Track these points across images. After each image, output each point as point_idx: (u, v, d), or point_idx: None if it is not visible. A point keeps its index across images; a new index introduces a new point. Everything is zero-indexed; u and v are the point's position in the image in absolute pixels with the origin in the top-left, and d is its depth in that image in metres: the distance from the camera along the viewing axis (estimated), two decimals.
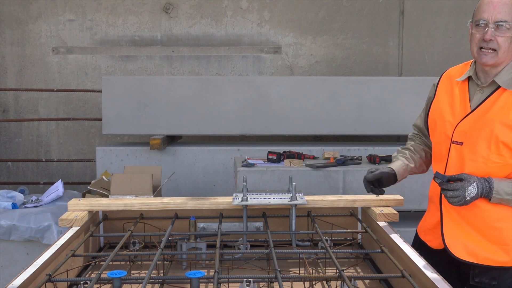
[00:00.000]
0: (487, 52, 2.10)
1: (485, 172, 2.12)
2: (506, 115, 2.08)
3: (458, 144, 2.17)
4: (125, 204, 2.59)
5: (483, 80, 2.19)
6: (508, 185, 2.08)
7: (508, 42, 2.08)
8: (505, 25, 2.05)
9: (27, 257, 3.98)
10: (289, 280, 1.94)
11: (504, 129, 2.07)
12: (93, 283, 1.78)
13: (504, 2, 2.06)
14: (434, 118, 2.33)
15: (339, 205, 2.64)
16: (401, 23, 5.89)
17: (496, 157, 2.10)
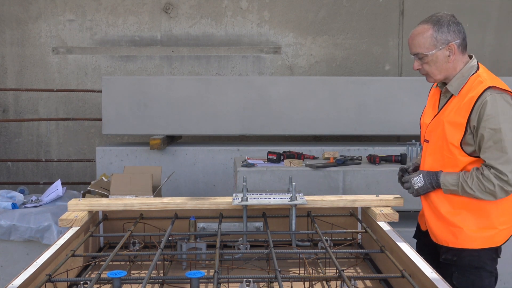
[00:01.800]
0: (424, 75, 2.55)
1: (442, 166, 2.45)
2: (451, 115, 2.42)
3: (427, 142, 2.55)
4: (125, 204, 2.59)
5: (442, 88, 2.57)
6: (453, 177, 2.40)
7: (433, 65, 2.46)
8: (420, 55, 2.46)
9: (27, 257, 3.98)
10: (289, 280, 1.94)
11: (450, 128, 2.41)
12: (93, 283, 1.78)
13: (413, 37, 2.48)
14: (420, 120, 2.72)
15: (339, 205, 2.64)
16: (401, 23, 5.88)
17: (447, 153, 2.43)
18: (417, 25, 2.54)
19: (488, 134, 2.31)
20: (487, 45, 5.94)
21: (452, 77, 2.48)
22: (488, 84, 2.40)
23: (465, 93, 2.43)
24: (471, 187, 2.35)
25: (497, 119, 2.31)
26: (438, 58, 2.45)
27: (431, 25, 2.50)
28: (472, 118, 2.35)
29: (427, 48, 2.45)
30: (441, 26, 2.51)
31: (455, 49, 2.47)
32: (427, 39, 2.45)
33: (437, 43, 2.45)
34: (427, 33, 2.46)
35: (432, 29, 2.48)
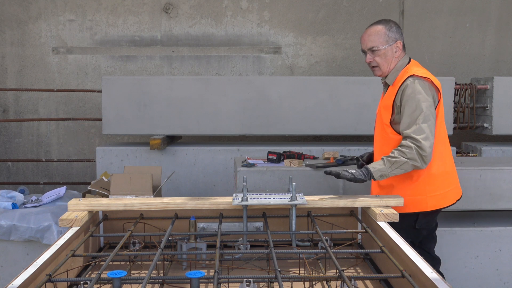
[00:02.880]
0: (374, 69, 3.02)
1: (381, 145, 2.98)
2: (385, 101, 2.97)
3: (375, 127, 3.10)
4: (125, 204, 2.59)
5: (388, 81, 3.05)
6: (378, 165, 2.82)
7: (384, 59, 2.96)
8: (374, 49, 2.94)
9: (27, 257, 3.98)
10: (289, 280, 1.94)
11: (383, 111, 2.95)
12: (93, 283, 1.78)
13: (369, 34, 2.97)
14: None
15: (339, 205, 2.64)
16: (401, 23, 5.88)
17: (383, 133, 2.96)
18: (369, 26, 3.01)
19: (408, 110, 2.82)
20: (487, 45, 5.94)
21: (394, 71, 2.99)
22: (411, 72, 2.89)
23: (396, 82, 2.95)
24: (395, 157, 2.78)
25: (413, 99, 2.82)
26: (387, 53, 2.95)
27: (383, 25, 2.98)
28: (396, 99, 2.89)
29: (381, 43, 2.94)
30: (391, 27, 2.98)
31: (400, 47, 2.99)
32: (381, 35, 2.94)
33: (388, 39, 2.95)
34: (382, 31, 2.95)
35: (385, 28, 2.96)
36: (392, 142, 2.92)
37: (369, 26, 3.02)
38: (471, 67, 5.93)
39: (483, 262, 3.92)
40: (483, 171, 3.84)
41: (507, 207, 3.87)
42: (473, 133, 5.63)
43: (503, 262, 3.92)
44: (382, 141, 3.00)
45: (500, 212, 4.10)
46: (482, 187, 3.83)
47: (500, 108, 5.06)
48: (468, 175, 3.83)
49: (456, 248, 3.92)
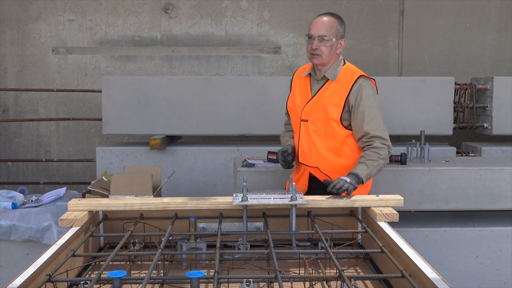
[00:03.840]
0: (315, 56, 2.99)
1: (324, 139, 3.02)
2: (332, 98, 3.00)
3: (305, 121, 3.07)
4: (125, 204, 2.59)
5: (318, 75, 3.09)
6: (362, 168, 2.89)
7: (328, 50, 2.98)
8: (325, 38, 2.97)
9: (27, 257, 3.98)
10: (289, 280, 1.94)
11: (332, 107, 2.99)
12: (93, 283, 1.78)
13: (324, 22, 3.01)
14: (290, 105, 3.21)
15: (339, 205, 2.64)
16: (401, 23, 5.89)
17: (329, 128, 3.01)
18: (321, 15, 3.06)
19: (367, 110, 2.96)
20: (487, 45, 5.94)
21: (329, 66, 3.04)
22: (359, 73, 3.05)
23: (341, 79, 3.02)
24: (374, 159, 2.92)
25: (371, 99, 2.98)
26: (333, 46, 3.00)
27: (336, 18, 3.05)
28: (350, 98, 2.98)
29: (332, 34, 2.99)
30: (341, 23, 3.06)
31: (344, 44, 3.06)
32: (333, 27, 3.00)
33: (338, 34, 3.02)
34: (335, 23, 3.02)
35: (337, 22, 3.03)
36: (339, 137, 3.02)
37: (323, 14, 3.06)
38: (471, 67, 5.93)
39: (483, 262, 3.92)
40: (483, 171, 3.84)
41: (507, 207, 3.87)
42: (473, 133, 5.63)
43: (503, 262, 3.92)
44: (326, 135, 3.02)
45: (500, 212, 4.10)
46: (482, 187, 3.83)
47: (500, 108, 5.06)
48: (468, 175, 3.83)
49: (456, 248, 3.92)
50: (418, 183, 3.82)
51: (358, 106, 2.97)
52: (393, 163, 3.95)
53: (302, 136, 3.10)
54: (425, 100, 4.97)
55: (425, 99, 4.98)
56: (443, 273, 2.06)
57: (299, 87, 3.17)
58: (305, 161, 3.11)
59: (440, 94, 4.98)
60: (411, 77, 5.26)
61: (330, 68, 3.05)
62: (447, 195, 3.83)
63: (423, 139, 4.14)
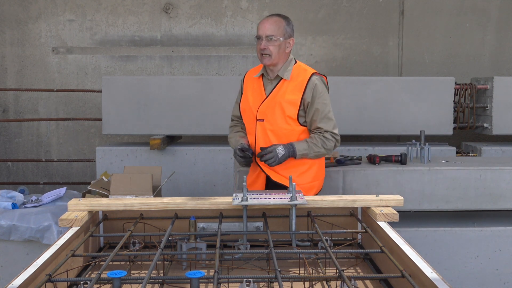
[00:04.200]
0: (265, 56, 3.05)
1: (282, 137, 3.08)
2: (288, 96, 3.06)
3: (261, 121, 3.11)
4: (125, 204, 2.59)
5: (271, 75, 3.14)
6: (302, 145, 3.07)
7: (277, 49, 3.03)
8: (273, 38, 3.02)
9: (27, 257, 3.98)
10: (289, 280, 1.94)
11: (288, 105, 3.06)
12: (93, 283, 1.78)
13: (270, 22, 3.05)
14: (243, 106, 3.23)
15: (339, 205, 2.64)
16: (401, 23, 5.89)
17: (286, 125, 3.08)
18: (269, 16, 3.12)
19: (322, 107, 3.07)
20: (487, 45, 5.94)
21: (280, 65, 3.10)
22: (311, 71, 3.13)
23: (295, 77, 3.09)
24: (318, 146, 3.07)
25: (324, 96, 3.11)
26: (281, 46, 3.04)
27: (283, 18, 3.10)
28: (306, 96, 3.05)
29: (280, 34, 3.03)
30: (289, 23, 3.10)
31: (292, 43, 3.12)
32: (281, 27, 3.05)
33: (285, 33, 3.06)
34: (282, 23, 3.06)
35: (284, 22, 3.08)
36: (295, 134, 3.11)
37: (270, 15, 3.11)
38: (471, 67, 5.93)
39: (483, 262, 3.92)
40: (483, 171, 3.84)
41: (507, 207, 3.87)
42: (473, 133, 5.63)
43: (503, 262, 3.92)
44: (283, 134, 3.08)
45: (500, 212, 4.10)
46: (482, 187, 3.83)
47: (500, 108, 5.07)
48: (468, 175, 3.83)
49: (456, 248, 3.92)
50: (418, 183, 3.82)
51: (313, 103, 3.07)
52: (393, 163, 3.96)
53: (258, 136, 3.13)
54: (425, 100, 4.97)
55: (425, 99, 4.98)
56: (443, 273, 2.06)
57: (251, 88, 3.20)
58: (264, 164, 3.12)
59: (440, 94, 4.98)
60: (411, 77, 5.26)
61: (282, 68, 3.10)
62: (447, 195, 3.83)
63: (423, 139, 4.14)
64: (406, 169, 3.83)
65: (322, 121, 3.11)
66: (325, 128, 3.12)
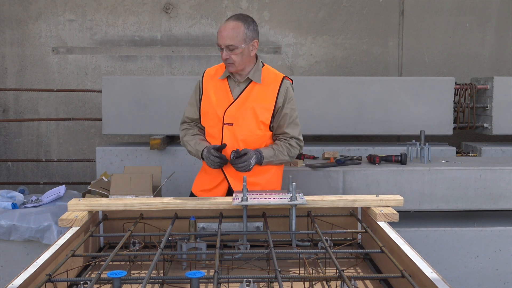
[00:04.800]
0: (229, 64, 2.92)
1: (252, 142, 2.98)
2: (261, 100, 2.96)
3: (229, 125, 2.97)
4: (125, 204, 2.59)
5: (238, 78, 3.00)
6: (269, 151, 2.99)
7: (240, 57, 2.89)
8: (232, 47, 2.86)
9: (27, 257, 3.98)
10: (289, 280, 1.94)
11: (262, 110, 2.96)
12: (93, 283, 1.79)
13: (228, 30, 2.87)
14: (205, 108, 3.06)
15: (339, 205, 2.64)
16: (401, 23, 5.88)
17: (258, 131, 2.99)
18: (227, 20, 2.93)
19: (290, 112, 3.01)
20: (487, 45, 5.94)
21: (248, 69, 2.98)
22: (281, 74, 3.04)
23: (266, 81, 2.99)
24: (284, 154, 3.02)
25: (293, 101, 3.04)
26: (245, 51, 2.89)
27: (242, 22, 2.89)
28: (278, 100, 2.98)
29: (239, 42, 2.86)
30: (249, 25, 2.91)
31: (257, 46, 2.95)
32: (240, 33, 2.86)
33: (246, 38, 2.88)
34: (240, 29, 2.87)
35: (243, 26, 2.88)
36: (265, 139, 3.04)
37: (229, 20, 2.92)
38: (471, 67, 5.93)
39: (483, 262, 3.92)
40: (483, 171, 3.84)
41: (507, 207, 3.87)
42: (473, 133, 5.63)
43: (503, 262, 3.92)
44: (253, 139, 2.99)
45: (500, 212, 4.10)
46: (482, 187, 3.83)
47: (500, 108, 5.07)
48: (468, 175, 3.83)
49: (456, 248, 3.92)
50: (418, 183, 3.82)
51: (283, 107, 3.00)
52: (393, 163, 3.96)
53: (226, 141, 2.99)
54: (425, 100, 4.98)
55: (425, 99, 4.98)
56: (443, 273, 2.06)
57: (214, 89, 3.05)
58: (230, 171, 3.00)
59: (440, 94, 4.98)
60: (411, 77, 5.26)
61: (252, 71, 2.99)
62: (447, 195, 3.83)
63: (423, 139, 4.14)
64: (406, 169, 3.83)
65: (289, 126, 3.04)
66: (292, 134, 3.05)
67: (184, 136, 3.15)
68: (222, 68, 3.08)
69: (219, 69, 3.10)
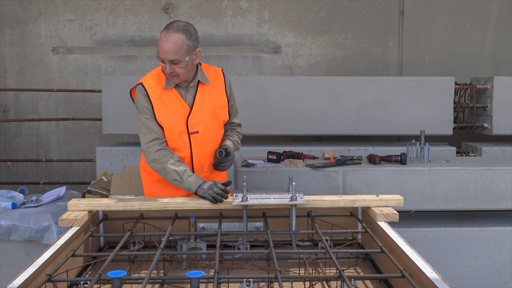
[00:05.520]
0: (173, 77, 2.81)
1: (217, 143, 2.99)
2: (216, 100, 2.95)
3: (195, 133, 2.89)
4: (125, 204, 2.59)
5: (186, 84, 2.89)
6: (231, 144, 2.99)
7: (184, 69, 2.78)
8: (176, 61, 2.75)
9: (27, 257, 3.98)
10: (289, 280, 1.94)
11: (220, 110, 2.96)
12: (93, 283, 1.78)
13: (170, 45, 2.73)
14: (165, 123, 2.89)
15: (339, 205, 2.64)
16: (401, 23, 5.89)
17: (221, 130, 3.01)
18: (167, 32, 2.76)
19: (234, 102, 3.10)
20: (487, 45, 5.94)
21: (192, 75, 2.89)
22: (219, 68, 3.05)
23: (212, 79, 2.96)
24: (238, 143, 3.10)
25: (233, 91, 3.09)
26: (189, 63, 2.78)
27: (183, 34, 2.76)
28: (227, 94, 3.01)
29: (183, 55, 2.75)
30: (191, 35, 2.78)
31: (199, 54, 2.85)
32: (183, 47, 2.74)
33: (189, 50, 2.76)
34: (183, 41, 2.74)
35: (186, 38, 2.75)
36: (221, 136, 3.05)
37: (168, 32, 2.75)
38: (471, 67, 5.93)
39: (483, 262, 3.92)
40: (483, 171, 3.84)
41: (507, 207, 3.87)
42: (473, 133, 5.63)
43: (503, 262, 3.92)
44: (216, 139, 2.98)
45: (500, 212, 4.10)
46: (482, 187, 3.83)
47: (500, 108, 5.07)
48: (468, 175, 3.83)
49: (456, 248, 3.92)
50: (418, 183, 3.82)
51: (229, 99, 3.04)
52: (393, 163, 3.96)
53: (195, 151, 2.90)
54: (425, 100, 4.98)
55: (425, 99, 4.98)
56: (443, 273, 2.06)
57: (163, 100, 2.88)
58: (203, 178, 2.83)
59: (440, 94, 4.98)
60: (411, 77, 5.26)
61: (197, 73, 2.89)
62: (447, 195, 3.83)
63: (423, 139, 4.14)
64: (406, 169, 3.83)
65: (235, 115, 3.13)
66: (238, 122, 3.15)
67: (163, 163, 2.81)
68: (160, 76, 2.92)
69: (157, 77, 2.94)
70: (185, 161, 2.89)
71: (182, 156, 2.89)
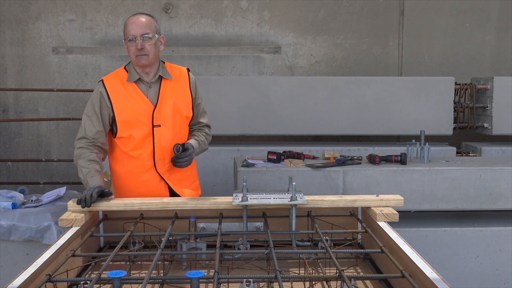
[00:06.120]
0: (142, 56, 2.87)
1: (181, 139, 3.00)
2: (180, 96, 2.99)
3: (158, 127, 2.93)
4: (125, 204, 2.60)
5: (146, 79, 2.96)
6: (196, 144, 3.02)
7: (153, 47, 2.89)
8: (148, 35, 2.87)
9: (27, 257, 3.98)
10: (289, 280, 1.94)
11: (184, 106, 3.01)
12: (93, 283, 1.79)
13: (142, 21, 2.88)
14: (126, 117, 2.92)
15: (339, 205, 2.64)
16: (401, 23, 5.88)
17: (184, 126, 3.05)
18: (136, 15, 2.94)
19: (201, 102, 3.15)
20: (487, 45, 5.94)
21: (155, 66, 2.96)
22: (184, 67, 3.09)
23: (175, 76, 3.01)
24: (205, 143, 3.13)
25: (200, 91, 3.14)
26: (156, 44, 2.91)
27: (150, 16, 2.95)
28: (192, 92, 3.04)
29: (154, 31, 2.90)
30: (156, 21, 2.98)
31: (163, 42, 2.99)
32: (152, 24, 2.92)
33: (157, 30, 2.94)
34: (152, 20, 2.93)
35: (153, 20, 2.95)
36: (187, 133, 3.11)
37: (136, 15, 2.94)
38: (471, 67, 5.93)
39: (483, 262, 3.92)
40: (483, 171, 3.84)
41: (507, 207, 3.87)
42: (473, 133, 5.63)
43: (503, 262, 3.92)
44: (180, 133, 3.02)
45: (500, 212, 4.10)
46: (482, 187, 3.83)
47: (500, 108, 5.07)
48: (468, 175, 3.83)
49: (456, 248, 3.92)
50: (418, 183, 3.82)
51: (195, 99, 3.09)
52: (393, 163, 3.96)
53: (158, 144, 2.95)
54: (425, 100, 4.98)
55: (425, 99, 4.98)
56: (443, 273, 2.06)
57: (124, 95, 2.93)
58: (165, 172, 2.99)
59: (440, 94, 4.98)
60: (411, 77, 5.26)
61: (159, 68, 2.98)
62: (447, 195, 3.83)
63: (423, 139, 4.14)
64: (406, 169, 3.83)
65: (202, 115, 3.17)
66: (205, 122, 3.19)
67: (79, 159, 2.90)
68: (120, 75, 2.99)
69: (117, 76, 2.99)
70: (146, 154, 2.95)
71: (144, 150, 2.95)
